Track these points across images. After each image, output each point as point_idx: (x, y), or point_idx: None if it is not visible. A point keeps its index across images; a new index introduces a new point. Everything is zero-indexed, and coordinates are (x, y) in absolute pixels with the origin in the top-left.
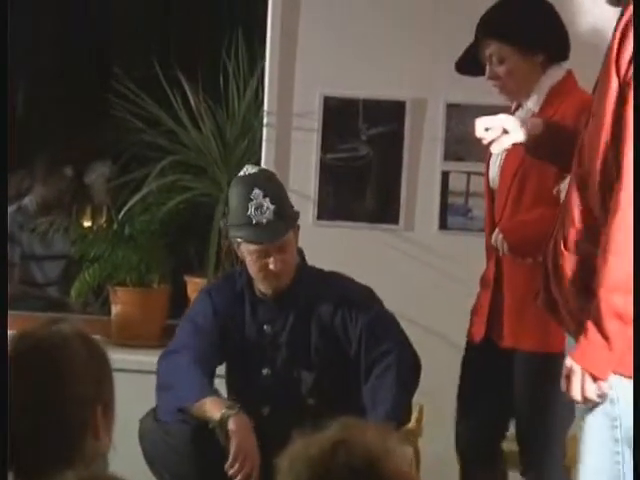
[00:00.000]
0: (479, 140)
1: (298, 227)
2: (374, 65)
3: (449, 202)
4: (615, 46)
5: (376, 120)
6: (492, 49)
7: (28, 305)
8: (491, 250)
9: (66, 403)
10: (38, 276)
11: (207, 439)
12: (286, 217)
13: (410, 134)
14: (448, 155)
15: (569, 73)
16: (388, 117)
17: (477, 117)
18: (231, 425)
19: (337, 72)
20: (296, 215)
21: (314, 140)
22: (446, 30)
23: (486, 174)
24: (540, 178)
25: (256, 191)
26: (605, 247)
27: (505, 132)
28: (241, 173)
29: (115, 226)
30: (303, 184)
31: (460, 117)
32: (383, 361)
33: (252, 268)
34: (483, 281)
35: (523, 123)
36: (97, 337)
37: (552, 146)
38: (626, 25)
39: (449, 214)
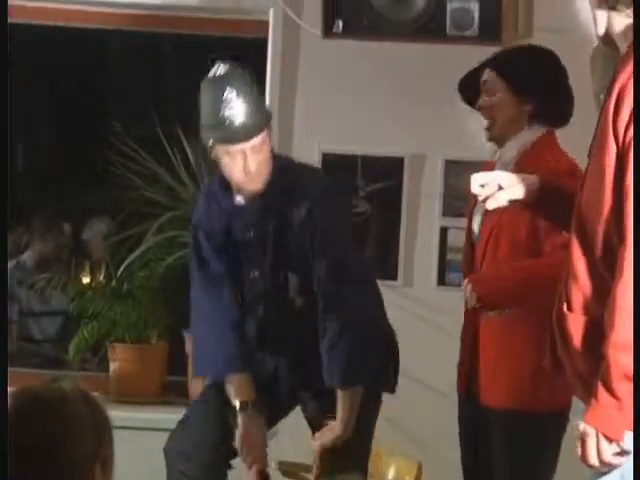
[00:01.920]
0: (470, 196)
1: (271, 127)
2: (372, 122)
3: (448, 258)
4: (611, 110)
5: (375, 176)
6: (488, 78)
7: (25, 362)
8: (468, 311)
9: (65, 460)
10: (36, 332)
11: None
12: (259, 116)
13: (409, 190)
14: (447, 211)
15: (551, 132)
16: (387, 173)
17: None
18: (243, 418)
19: (335, 128)
20: (269, 115)
21: None
22: (445, 88)
23: (468, 227)
24: (513, 237)
25: (228, 91)
26: (612, 308)
27: (500, 188)
28: (210, 74)
29: (114, 282)
30: None
31: (458, 173)
32: (334, 320)
33: (228, 171)
34: (462, 336)
35: (519, 180)
36: (95, 394)
37: (548, 203)
38: (622, 89)
39: (448, 270)
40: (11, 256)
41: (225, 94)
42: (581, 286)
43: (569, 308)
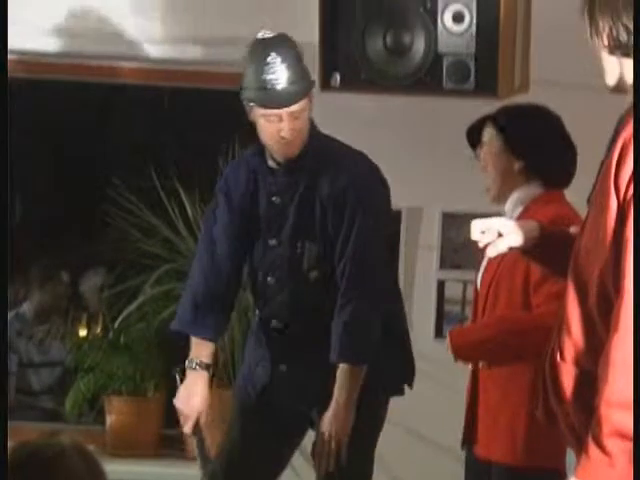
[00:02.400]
0: (475, 248)
1: (312, 96)
2: None
3: (445, 310)
4: (613, 166)
5: None
6: (487, 132)
7: (24, 415)
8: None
9: None
10: (35, 383)
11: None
12: (301, 84)
13: (406, 242)
14: (444, 263)
15: (553, 190)
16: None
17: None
18: (188, 375)
19: None
20: (311, 83)
21: None
22: (442, 140)
23: (475, 280)
24: (510, 289)
25: (272, 55)
26: (605, 362)
27: (500, 235)
28: (259, 36)
29: (110, 335)
30: None
31: (456, 226)
32: (352, 300)
33: (264, 134)
34: (467, 389)
35: (519, 226)
36: (92, 448)
37: (547, 250)
38: (624, 145)
39: (445, 322)
40: (10, 307)
41: (269, 58)
42: (574, 336)
43: (562, 358)
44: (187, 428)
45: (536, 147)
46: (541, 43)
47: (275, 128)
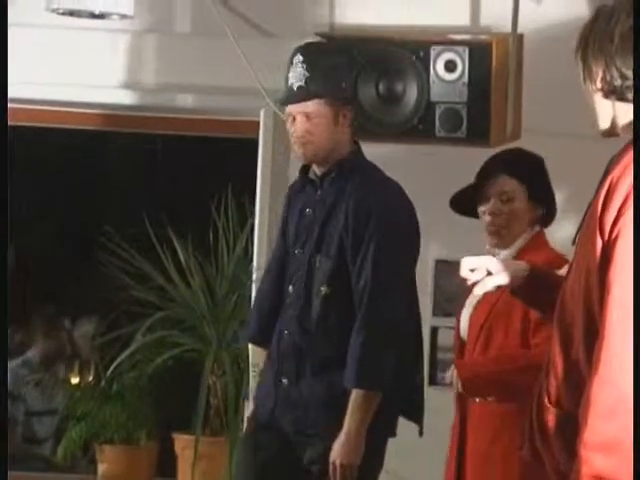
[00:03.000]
0: (467, 294)
1: (346, 110)
2: None
3: (438, 358)
4: (599, 207)
5: None
6: (505, 186)
7: (27, 465)
8: (457, 398)
9: None
10: (39, 432)
11: None
12: (319, 85)
13: None
14: (437, 311)
15: (540, 231)
16: None
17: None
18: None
19: None
20: (337, 90)
21: None
22: (434, 187)
23: (457, 326)
24: (506, 330)
25: (297, 57)
26: (586, 404)
27: (489, 274)
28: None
29: (103, 383)
30: None
31: (448, 273)
32: (366, 323)
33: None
34: (452, 429)
35: (508, 266)
36: None
37: (535, 290)
38: (613, 182)
39: (438, 369)
40: (16, 355)
41: (295, 59)
42: (558, 378)
43: (549, 400)
44: None
45: (551, 192)
46: (533, 91)
47: (291, 129)
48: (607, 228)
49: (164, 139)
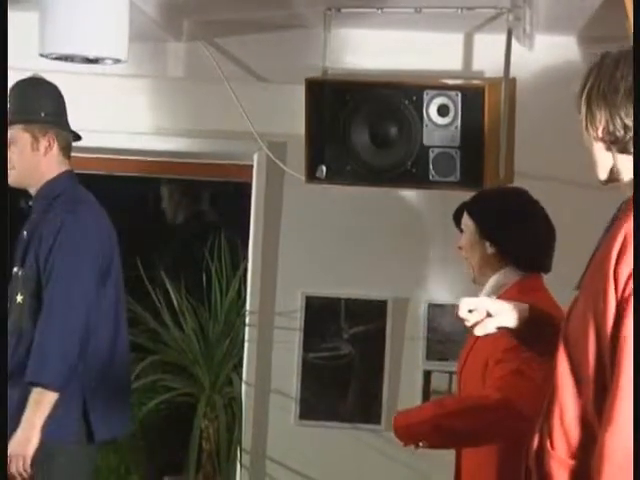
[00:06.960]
0: (461, 340)
1: (37, 132)
2: (356, 265)
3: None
4: (613, 258)
5: (358, 319)
6: (464, 219)
7: None
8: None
9: None
10: None
11: None
12: (18, 115)
13: (392, 333)
14: (430, 354)
15: (532, 276)
16: (370, 316)
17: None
18: None
19: (319, 271)
20: (32, 115)
21: (296, 339)
22: (428, 231)
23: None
24: (475, 374)
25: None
26: (600, 456)
27: (489, 315)
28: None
29: None
30: (285, 383)
31: (442, 317)
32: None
33: None
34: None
35: (509, 307)
36: None
37: (536, 331)
38: (626, 239)
39: None
40: None
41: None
42: (566, 426)
43: (552, 447)
44: None
45: (505, 231)
46: (526, 135)
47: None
48: (622, 280)
49: (157, 182)
